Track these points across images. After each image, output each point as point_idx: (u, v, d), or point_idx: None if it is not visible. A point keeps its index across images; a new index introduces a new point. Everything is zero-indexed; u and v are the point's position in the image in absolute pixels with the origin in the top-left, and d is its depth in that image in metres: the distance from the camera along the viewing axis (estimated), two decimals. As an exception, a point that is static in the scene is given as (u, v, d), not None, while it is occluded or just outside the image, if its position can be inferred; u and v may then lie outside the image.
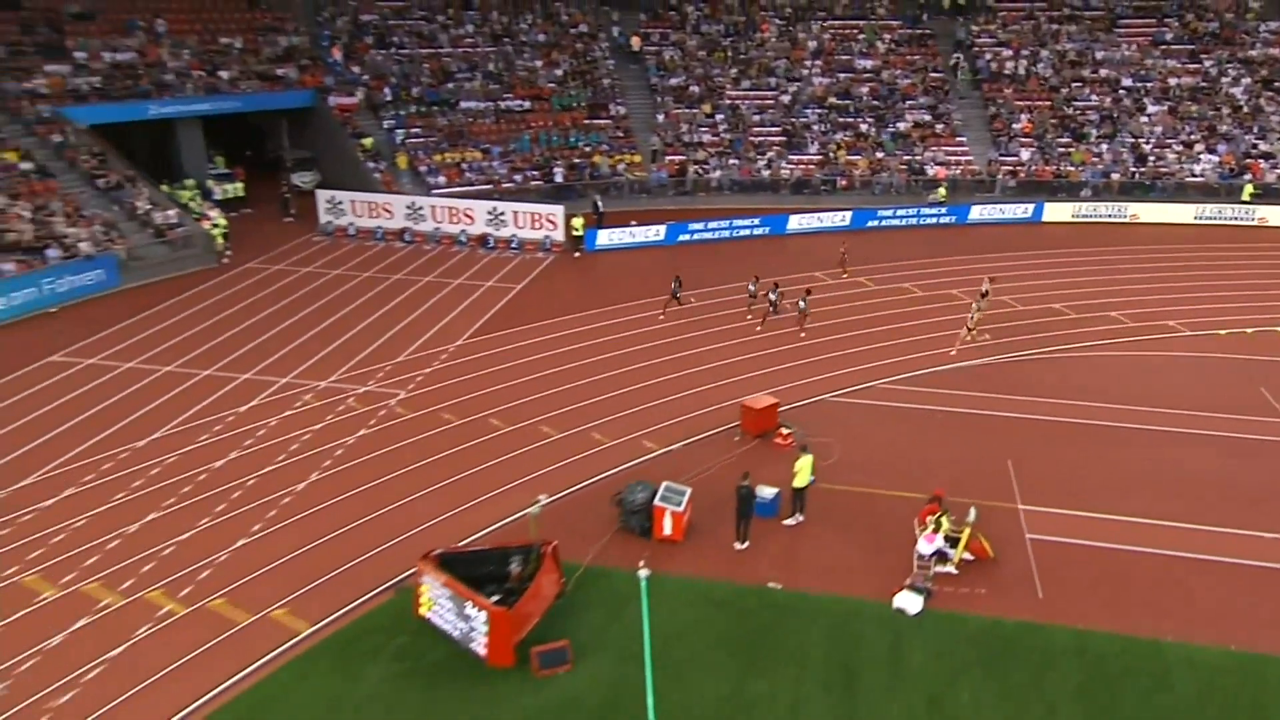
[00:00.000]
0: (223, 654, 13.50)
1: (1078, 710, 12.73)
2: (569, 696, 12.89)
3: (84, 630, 13.90)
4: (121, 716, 12.36)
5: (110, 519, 16.57)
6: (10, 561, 15.38)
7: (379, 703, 12.72)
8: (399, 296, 28.12)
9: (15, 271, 25.20)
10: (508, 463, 18.59)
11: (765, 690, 13.04)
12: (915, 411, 21.05)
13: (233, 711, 12.51)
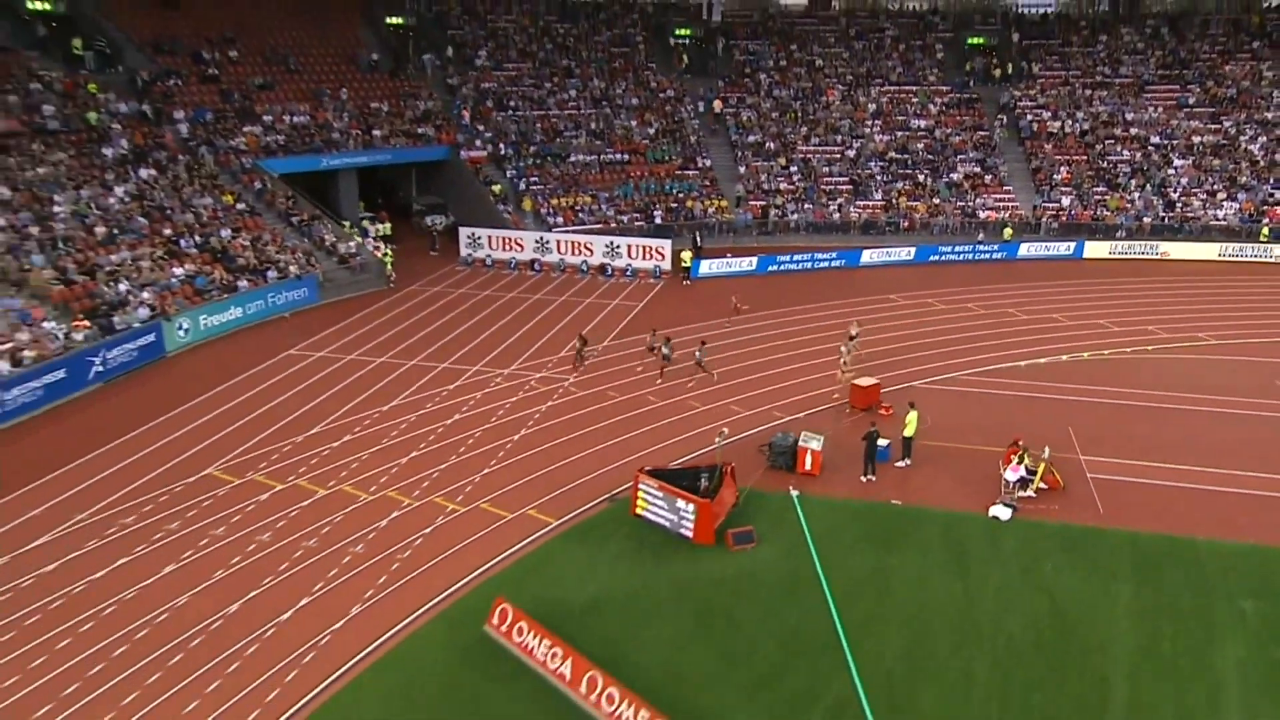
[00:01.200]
0: (499, 536, 18.43)
1: (1131, 578, 17.22)
2: (756, 566, 17.61)
3: (398, 519, 18.94)
4: (437, 572, 17.25)
5: (388, 453, 21.74)
6: (329, 477, 20.54)
7: (623, 562, 17.55)
8: (544, 311, 33.49)
9: (248, 288, 30.91)
10: (666, 426, 23.52)
11: (899, 565, 17.66)
12: (990, 395, 25.76)
13: (521, 567, 17.38)
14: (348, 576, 17.01)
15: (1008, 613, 16.27)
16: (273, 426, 23.17)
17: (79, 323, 25.51)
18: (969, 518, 19.36)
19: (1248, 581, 17.17)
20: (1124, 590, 16.93)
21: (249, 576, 16.90)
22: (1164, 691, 14.36)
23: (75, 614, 15.79)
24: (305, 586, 16.65)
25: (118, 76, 38.42)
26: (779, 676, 14.56)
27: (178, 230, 32.01)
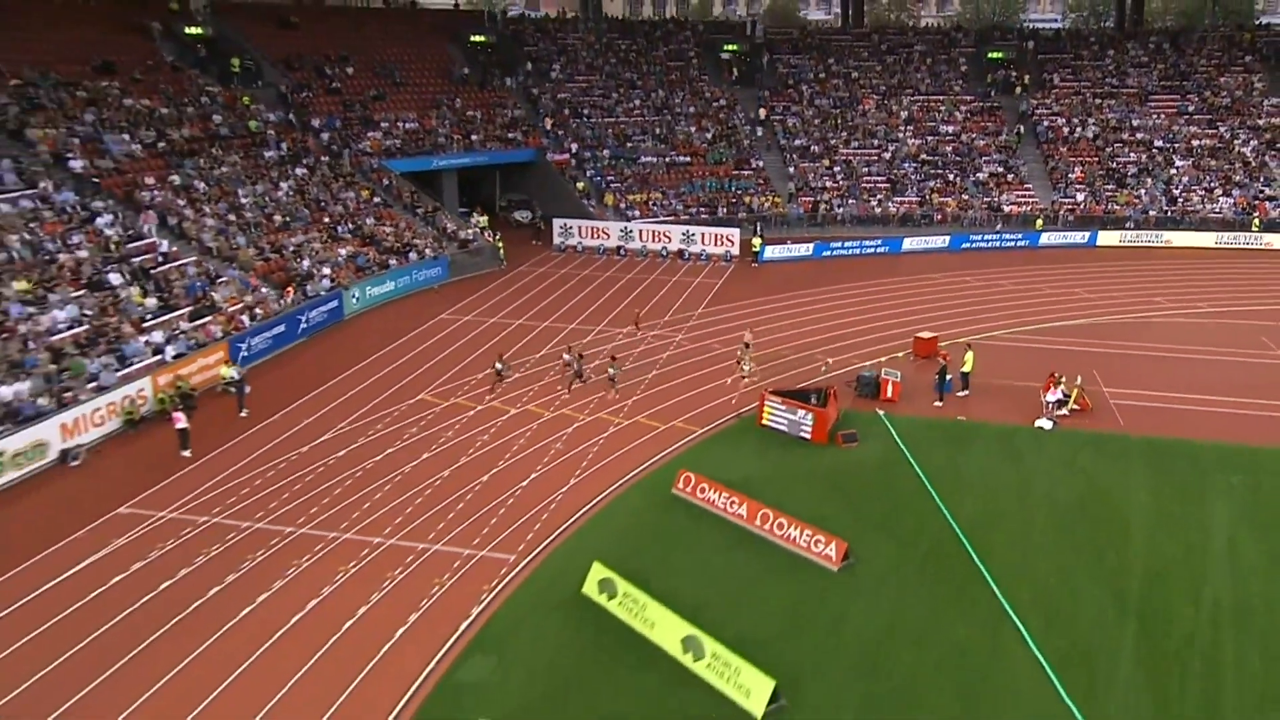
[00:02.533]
0: (658, 440, 23.77)
1: (1146, 465, 22.50)
2: (862, 457, 22.91)
3: (579, 429, 24.32)
4: (619, 462, 22.53)
5: (553, 385, 27.08)
6: (514, 402, 25.94)
7: (760, 455, 22.86)
8: (638, 287, 38.86)
9: (396, 266, 36.37)
10: (770, 370, 28.86)
11: (970, 458, 22.93)
12: (1026, 348, 31.03)
13: (682, 460, 22.65)
14: (556, 463, 22.35)
15: (1054, 487, 21.55)
16: (457, 366, 28.62)
17: (287, 289, 30.99)
18: (1019, 429, 24.65)
19: (1235, 465, 22.42)
20: (1140, 472, 22.19)
21: (480, 464, 22.25)
22: (1171, 534, 19.58)
23: (370, 483, 21.14)
24: (529, 468, 22.01)
25: (263, 90, 44.02)
26: (895, 520, 19.84)
27: (334, 219, 37.55)
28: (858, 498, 20.73)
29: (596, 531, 19.35)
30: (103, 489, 20.56)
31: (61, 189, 29.83)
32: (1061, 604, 16.93)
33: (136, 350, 24.93)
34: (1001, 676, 15.08)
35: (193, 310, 27.91)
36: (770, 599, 16.97)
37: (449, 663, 15.16)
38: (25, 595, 16.74)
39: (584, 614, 16.47)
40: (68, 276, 26.33)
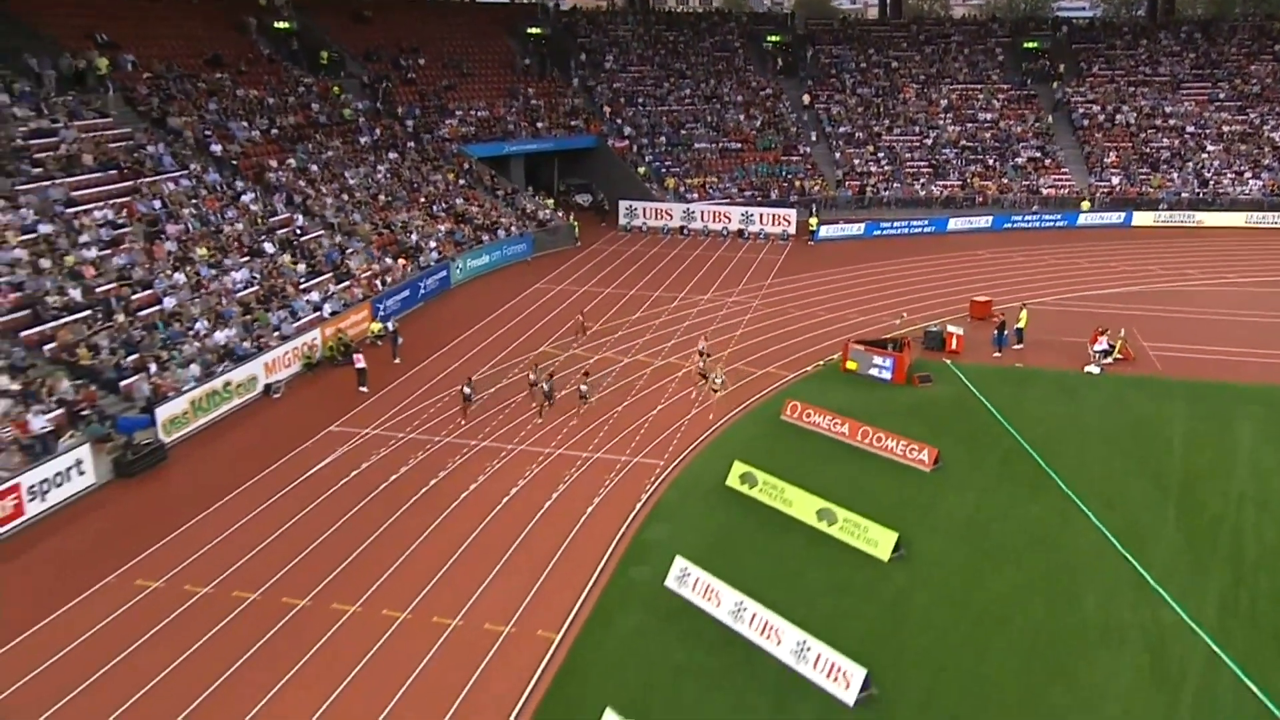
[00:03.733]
0: (755, 383, 28.71)
1: (1182, 400, 27.37)
2: (937, 395, 27.83)
3: (688, 373, 29.22)
4: (727, 399, 27.45)
5: (656, 340, 32.11)
6: (625, 353, 30.91)
7: (846, 393, 27.74)
8: (707, 262, 43.83)
9: (488, 241, 41.41)
10: (842, 329, 33.79)
11: (1029, 396, 27.83)
12: (1072, 311, 35.90)
13: (780, 396, 27.55)
14: (675, 399, 27.31)
15: (1104, 415, 26.45)
16: (566, 324, 33.62)
17: (403, 259, 36.03)
18: (1071, 374, 29.58)
19: (1259, 399, 27.32)
20: (1178, 407, 27.06)
21: (613, 399, 27.19)
22: (1203, 448, 24.44)
23: (527, 409, 26.10)
24: (655, 402, 26.98)
25: (347, 80, 49.10)
26: (971, 438, 24.75)
27: (428, 198, 42.60)
28: (937, 423, 25.62)
29: (723, 446, 24.28)
30: (306, 414, 25.62)
31: (209, 170, 34.90)
32: (1115, 494, 21.83)
33: (301, 307, 29.98)
34: (1072, 542, 19.98)
35: (333, 276, 32.97)
36: (878, 492, 21.88)
37: (634, 529, 20.13)
38: (279, 490, 21.73)
39: (730, 500, 21.41)
40: (233, 245, 31.39)
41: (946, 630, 16.86)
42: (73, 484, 20.31)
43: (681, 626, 16.82)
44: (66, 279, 25.51)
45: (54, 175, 29.38)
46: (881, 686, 15.13)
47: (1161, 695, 15.26)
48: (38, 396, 21.46)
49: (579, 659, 16.00)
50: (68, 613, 16.89)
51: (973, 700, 15.10)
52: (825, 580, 18.27)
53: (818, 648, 15.49)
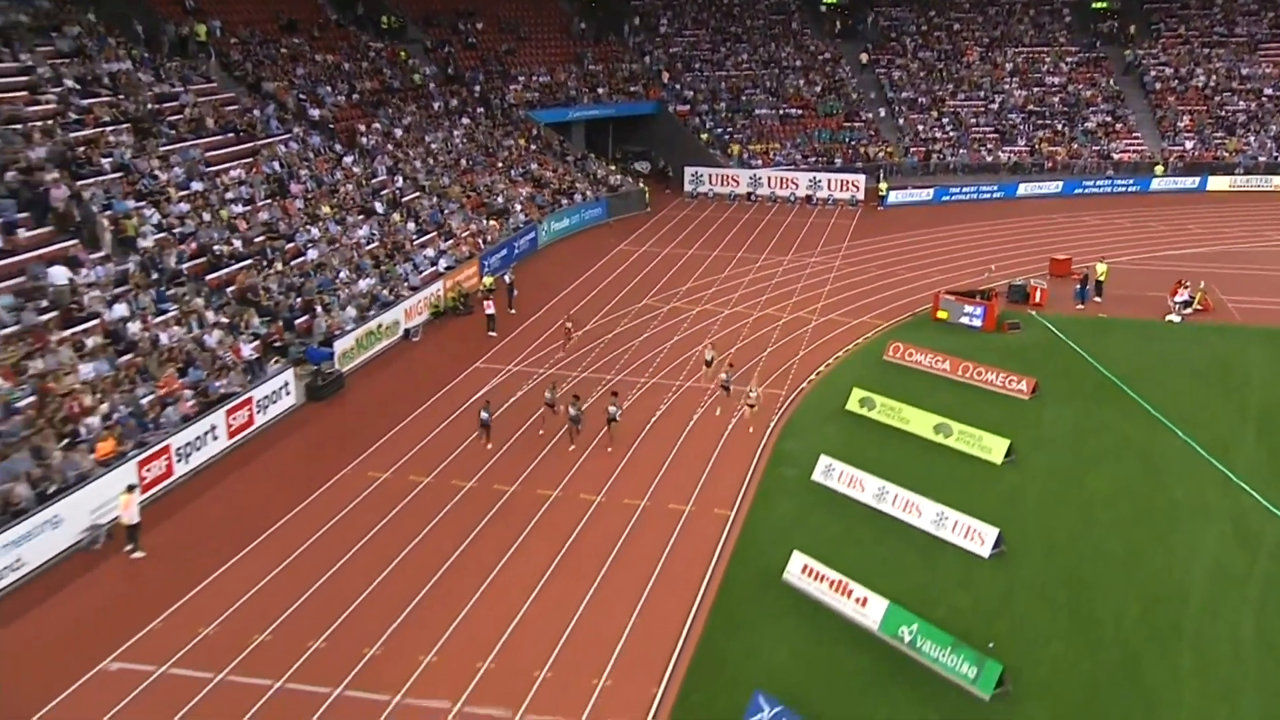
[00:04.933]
0: (852, 330, 34.13)
1: (1258, 344, 32.77)
2: (1026, 340, 33.28)
3: (787, 322, 34.70)
4: (826, 345, 32.86)
5: (748, 296, 37.50)
6: (723, 305, 36.37)
7: (940, 338, 33.12)
8: (780, 227, 49.28)
9: (567, 205, 46.91)
10: (925, 285, 39.18)
11: (1113, 341, 33.24)
12: (1148, 269, 41.23)
13: (880, 339, 32.92)
14: (783, 342, 32.76)
15: (1186, 356, 31.86)
16: (659, 282, 39.14)
17: (495, 221, 41.55)
18: (1152, 322, 34.97)
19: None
20: (1256, 349, 32.47)
21: (724, 343, 32.59)
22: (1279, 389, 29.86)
23: (647, 352, 31.58)
24: (764, 344, 32.44)
25: (411, 45, 54.59)
26: (1063, 374, 30.16)
27: (505, 163, 48.11)
28: (1029, 362, 31.00)
29: (835, 380, 29.71)
30: (447, 354, 31.20)
31: (310, 134, 40.41)
32: (1199, 418, 27.19)
33: (421, 261, 35.47)
34: (1161, 451, 25.39)
35: (438, 235, 38.46)
36: (983, 414, 27.23)
37: (772, 442, 25.57)
38: (457, 409, 27.18)
39: (852, 421, 26.87)
40: (350, 203, 36.92)
41: (1058, 512, 22.32)
42: (281, 403, 25.84)
43: (833, 509, 22.28)
44: (225, 231, 31.04)
45: (184, 137, 34.90)
46: (1007, 550, 20.56)
47: (1244, 552, 20.69)
48: (239, 329, 26.97)
49: (753, 529, 21.48)
50: (316, 500, 22.37)
51: (1084, 559, 20.52)
52: (947, 478, 23.68)
53: (954, 515, 20.96)
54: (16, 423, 20.50)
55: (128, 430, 22.02)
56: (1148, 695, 16.60)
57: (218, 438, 23.65)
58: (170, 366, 24.18)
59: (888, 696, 16.42)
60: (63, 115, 31.65)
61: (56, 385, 21.84)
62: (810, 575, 19.07)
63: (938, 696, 16.38)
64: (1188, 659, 17.48)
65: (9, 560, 18.10)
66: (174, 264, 28.20)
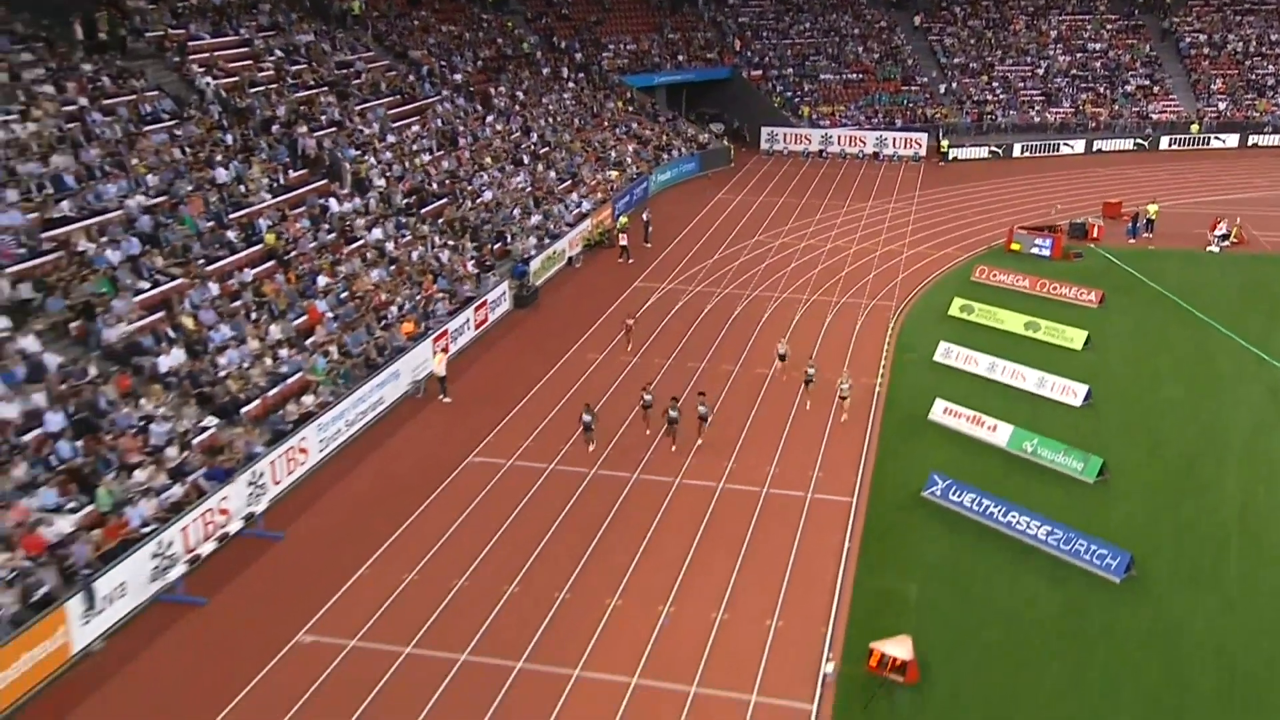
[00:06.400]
0: (935, 262, 41.18)
1: (1287, 267, 39.83)
2: (1089, 265, 40.45)
3: (881, 254, 41.74)
4: (920, 271, 39.95)
5: (846, 233, 44.57)
6: (825, 241, 43.46)
7: (1014, 265, 40.11)
8: (855, 179, 56.26)
9: (667, 160, 53.93)
10: (995, 223, 46.16)
11: (1163, 264, 40.32)
12: (1189, 212, 48.14)
13: (971, 265, 39.94)
14: (883, 269, 39.81)
15: (1226, 280, 38.97)
16: (763, 222, 46.23)
17: (615, 172, 48.59)
18: (1195, 252, 41.99)
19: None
20: (1282, 273, 39.49)
21: (833, 269, 39.66)
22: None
23: (772, 275, 38.68)
24: (867, 271, 39.50)
25: (515, 17, 61.46)
26: (1123, 289, 37.23)
27: (610, 122, 55.08)
28: (1092, 282, 38.01)
29: (934, 296, 36.81)
30: (606, 277, 38.53)
31: (457, 96, 47.44)
32: (1236, 320, 34.24)
33: (570, 204, 42.59)
34: (1209, 342, 32.51)
35: (573, 184, 45.55)
36: (1061, 317, 34.27)
37: (894, 339, 32.71)
38: (644, 304, 34.37)
39: (955, 324, 34.02)
40: (503, 155, 44.00)
41: (1131, 379, 29.68)
42: (501, 308, 33.17)
43: (955, 379, 29.49)
44: (421, 175, 38.16)
45: (367, 99, 41.95)
46: (1094, 400, 27.72)
47: (1275, 405, 27.87)
48: (460, 250, 34.16)
49: (897, 390, 28.78)
50: (552, 378, 29.58)
51: (1153, 408, 27.84)
52: (1040, 359, 30.76)
53: (1053, 378, 28.22)
54: (350, 308, 27.81)
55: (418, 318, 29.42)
56: (1202, 483, 23.94)
57: (471, 329, 30.98)
58: (427, 275, 31.41)
59: (1016, 483, 23.64)
60: (281, 80, 38.80)
61: (361, 284, 29.10)
62: (950, 414, 26.33)
63: (1055, 481, 23.66)
64: (1232, 464, 24.75)
65: (375, 399, 25.51)
66: (400, 200, 35.39)
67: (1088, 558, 20.36)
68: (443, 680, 16.97)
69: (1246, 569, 20.77)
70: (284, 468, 22.07)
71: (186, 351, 23.30)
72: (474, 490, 23.06)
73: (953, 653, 17.98)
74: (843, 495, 23.17)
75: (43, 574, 16.58)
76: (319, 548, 20.81)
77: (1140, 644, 18.45)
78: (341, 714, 16.16)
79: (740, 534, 21.57)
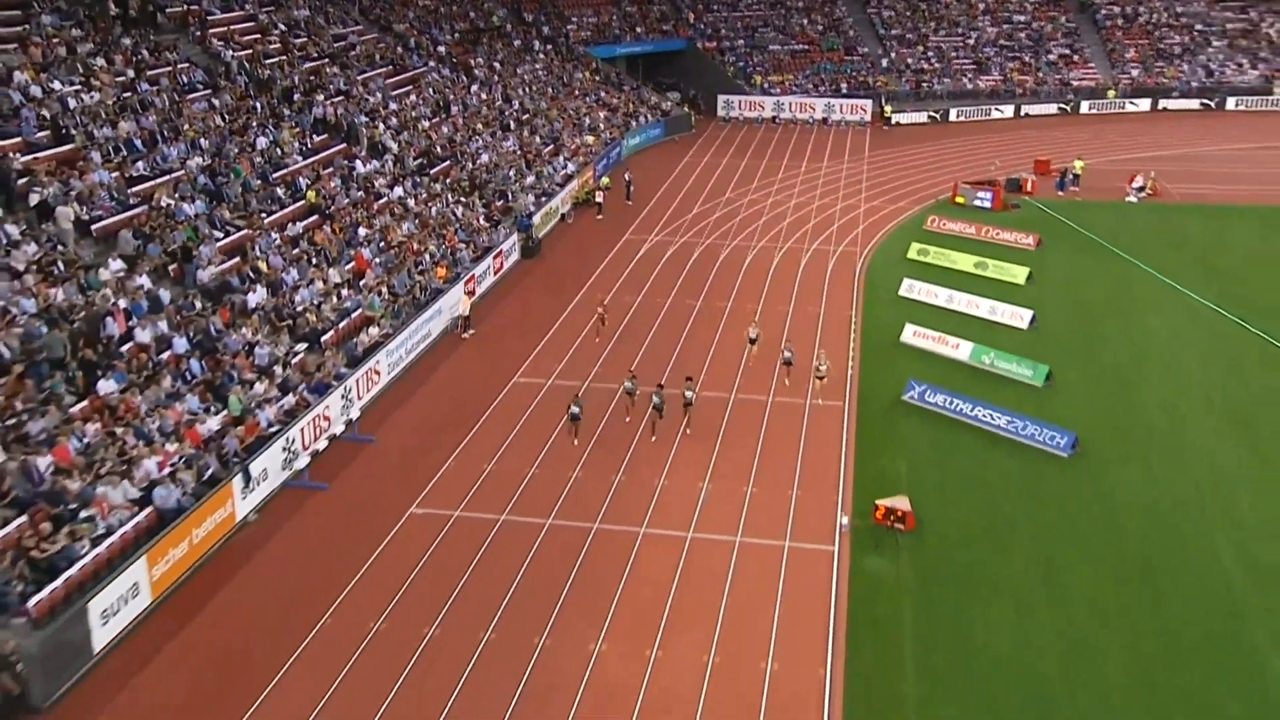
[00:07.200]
0: (890, 214, 45.62)
1: (1197, 216, 45.10)
2: (1023, 216, 45.21)
3: (841, 210, 46.05)
4: (876, 223, 44.35)
5: (806, 189, 48.74)
6: (789, 196, 47.59)
7: (959, 216, 44.70)
8: (808, 142, 60.49)
9: (635, 127, 57.47)
10: (940, 179, 50.75)
11: (1089, 213, 45.19)
12: (1105, 169, 53.33)
13: (924, 214, 44.42)
14: (843, 221, 44.06)
15: (1145, 226, 43.98)
16: (731, 181, 50.16)
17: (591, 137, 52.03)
18: (1116, 203, 47.07)
19: (1252, 215, 45.11)
20: (1194, 219, 44.78)
21: (800, 220, 43.80)
22: (1215, 239, 42.01)
23: (750, 225, 42.66)
24: (830, 223, 43.73)
25: (482, -9, 64.23)
26: (1055, 234, 42.02)
27: (580, 91, 58.37)
28: (1030, 228, 42.73)
29: (892, 243, 41.19)
30: (597, 230, 42.34)
31: (442, 67, 50.34)
32: (1153, 258, 39.17)
33: (558, 165, 46.00)
34: (1130, 276, 37.34)
35: (555, 148, 48.92)
36: (1005, 258, 38.90)
37: (863, 283, 36.96)
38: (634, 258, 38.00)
39: (914, 265, 38.39)
40: (492, 122, 47.14)
41: (1068, 306, 34.42)
42: (511, 257, 36.63)
43: (918, 310, 33.81)
44: (424, 140, 41.25)
45: (365, 70, 44.74)
46: (1038, 323, 32.31)
47: (1186, 322, 32.83)
48: (470, 206, 37.48)
49: (870, 321, 33.03)
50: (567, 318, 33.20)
51: (1087, 328, 32.57)
52: (989, 292, 35.29)
53: (1003, 305, 32.79)
54: (390, 255, 31.10)
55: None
56: (1129, 385, 28.71)
57: (491, 275, 34.44)
58: (448, 228, 34.74)
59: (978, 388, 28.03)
60: (288, 52, 41.46)
61: (394, 235, 32.35)
62: (919, 336, 30.71)
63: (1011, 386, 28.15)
64: (1153, 370, 29.59)
65: (424, 332, 28.96)
66: (412, 162, 38.53)
67: (1041, 439, 24.86)
68: (536, 539, 20.79)
69: (1167, 450, 25.43)
70: (365, 385, 25.52)
71: (268, 290, 26.47)
72: (525, 404, 26.73)
73: (939, 511, 22.27)
74: (837, 401, 27.32)
75: (208, 459, 19.90)
76: (407, 446, 24.42)
77: (1085, 504, 22.93)
78: (455, 572, 19.82)
79: (755, 433, 25.60)
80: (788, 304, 34.18)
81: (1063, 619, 18.96)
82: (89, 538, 16.86)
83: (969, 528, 21.83)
